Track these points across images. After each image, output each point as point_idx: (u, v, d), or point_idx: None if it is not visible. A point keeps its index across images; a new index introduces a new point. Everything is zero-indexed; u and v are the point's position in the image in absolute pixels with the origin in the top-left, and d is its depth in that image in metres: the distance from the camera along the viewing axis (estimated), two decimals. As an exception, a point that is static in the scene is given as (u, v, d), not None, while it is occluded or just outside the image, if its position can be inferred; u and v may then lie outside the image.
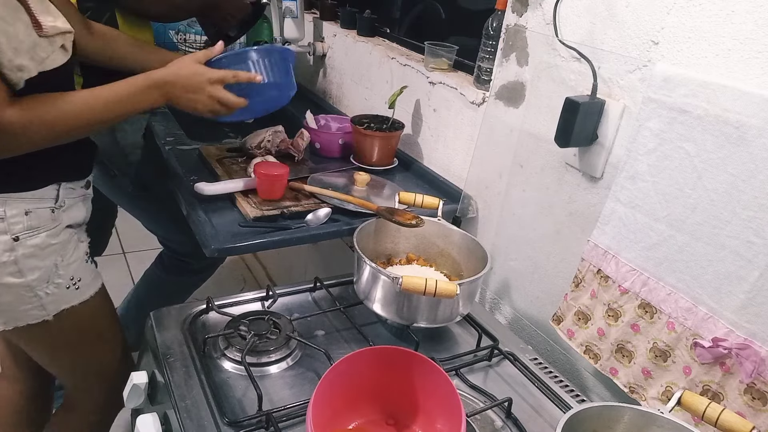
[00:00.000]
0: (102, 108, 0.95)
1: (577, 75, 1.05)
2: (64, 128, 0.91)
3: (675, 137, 0.86)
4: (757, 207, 0.76)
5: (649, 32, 0.92)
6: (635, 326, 0.93)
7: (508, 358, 1.00)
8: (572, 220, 1.11)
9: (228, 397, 0.84)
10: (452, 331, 1.07)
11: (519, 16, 1.18)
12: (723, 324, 0.81)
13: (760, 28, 0.77)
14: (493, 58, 1.27)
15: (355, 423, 0.80)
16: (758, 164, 0.76)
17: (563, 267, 1.14)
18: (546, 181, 1.16)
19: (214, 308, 1.01)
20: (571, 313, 1.04)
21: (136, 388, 0.91)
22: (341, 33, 1.99)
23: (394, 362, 0.79)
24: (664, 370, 0.89)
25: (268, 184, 1.22)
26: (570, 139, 1.01)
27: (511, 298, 1.30)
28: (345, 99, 2.00)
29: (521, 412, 0.88)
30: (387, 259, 1.15)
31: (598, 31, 1.00)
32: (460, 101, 1.39)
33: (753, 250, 0.77)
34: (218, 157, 1.44)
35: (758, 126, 0.75)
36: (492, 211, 1.31)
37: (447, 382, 0.75)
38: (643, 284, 0.92)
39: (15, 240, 0.95)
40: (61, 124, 0.91)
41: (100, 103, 0.95)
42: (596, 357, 1.00)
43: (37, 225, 0.98)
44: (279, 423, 0.78)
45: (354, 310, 1.04)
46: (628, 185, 0.93)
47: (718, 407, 0.70)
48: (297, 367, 0.92)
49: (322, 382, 0.71)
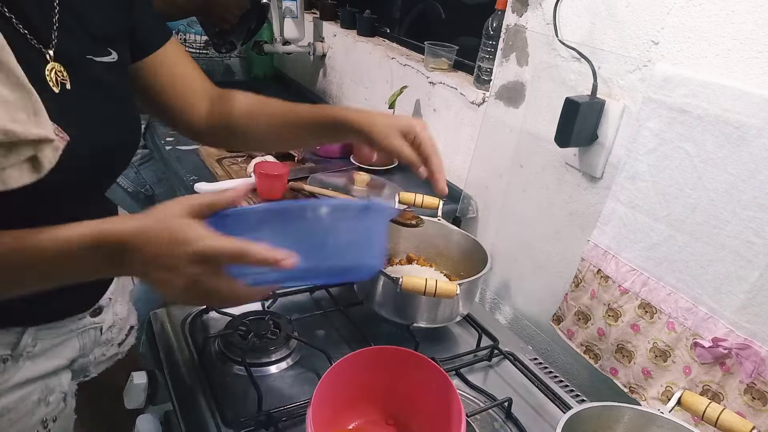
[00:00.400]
0: (13, 258, 0.58)
1: (577, 75, 1.05)
2: None
3: (675, 137, 0.86)
4: (757, 207, 0.76)
5: (649, 32, 0.92)
6: (635, 326, 0.93)
7: (508, 358, 1.00)
8: (572, 220, 1.11)
9: (228, 397, 0.84)
10: (452, 331, 1.07)
11: (519, 16, 1.18)
12: (723, 324, 0.81)
13: (760, 28, 0.77)
14: (493, 58, 1.27)
15: (355, 423, 0.80)
16: (758, 164, 0.76)
17: (563, 267, 1.14)
18: (546, 181, 1.16)
19: (214, 308, 1.01)
20: (571, 313, 1.04)
21: (136, 388, 0.91)
22: (341, 33, 1.99)
23: (394, 362, 0.79)
24: (664, 370, 0.89)
25: (268, 184, 1.22)
26: (570, 139, 1.01)
27: (511, 298, 1.30)
28: (345, 99, 2.00)
29: (521, 412, 0.88)
30: (387, 259, 1.15)
31: (598, 31, 1.00)
32: (460, 101, 1.39)
33: (753, 250, 0.77)
34: (218, 157, 1.44)
35: (758, 126, 0.75)
36: (492, 211, 1.31)
37: (447, 382, 0.75)
38: (643, 284, 0.92)
39: None
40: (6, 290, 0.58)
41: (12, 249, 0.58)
42: (596, 357, 1.00)
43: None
44: (279, 423, 0.78)
45: (354, 310, 1.04)
46: (628, 185, 0.93)
47: (718, 407, 0.70)
48: (297, 367, 0.92)
49: (322, 382, 0.71)
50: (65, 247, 0.57)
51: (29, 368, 0.75)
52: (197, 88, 0.87)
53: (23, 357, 0.73)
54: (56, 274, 0.60)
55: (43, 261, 0.58)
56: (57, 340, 0.78)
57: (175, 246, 0.56)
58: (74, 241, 0.58)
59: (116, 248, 0.57)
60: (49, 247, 0.57)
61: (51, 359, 0.78)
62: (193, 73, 0.87)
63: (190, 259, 0.56)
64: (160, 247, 0.56)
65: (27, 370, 0.74)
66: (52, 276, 0.60)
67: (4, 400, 0.73)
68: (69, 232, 0.58)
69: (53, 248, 0.57)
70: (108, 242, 0.57)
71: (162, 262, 0.56)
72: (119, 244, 0.57)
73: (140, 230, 0.57)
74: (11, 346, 0.71)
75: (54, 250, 0.57)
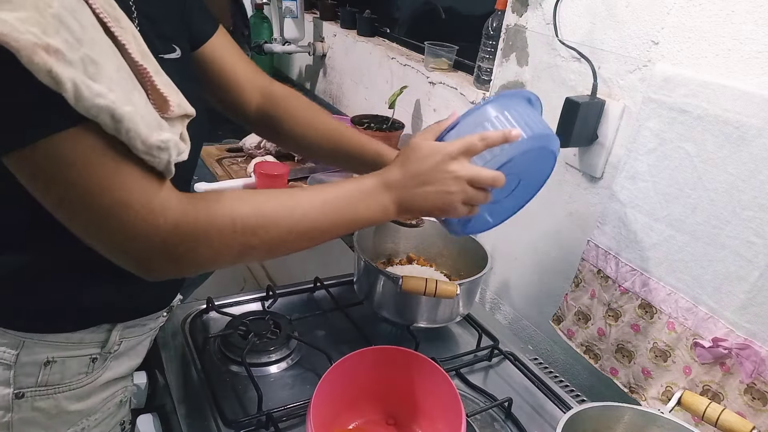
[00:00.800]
0: (318, 210, 0.64)
1: (577, 75, 1.05)
2: (255, 236, 0.60)
3: (675, 137, 0.86)
4: (757, 207, 0.76)
5: (649, 32, 0.92)
6: (635, 326, 0.93)
7: (508, 358, 1.00)
8: (572, 220, 1.11)
9: (228, 397, 0.84)
10: (452, 331, 1.07)
11: (519, 16, 1.18)
12: (723, 324, 0.81)
13: (760, 28, 0.77)
14: (493, 58, 1.27)
15: (355, 423, 0.80)
16: (758, 164, 0.76)
17: (563, 267, 1.14)
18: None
19: (214, 308, 1.01)
20: (571, 313, 1.04)
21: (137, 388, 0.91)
22: (341, 33, 1.99)
23: (394, 362, 0.79)
24: (664, 370, 0.89)
25: (268, 184, 1.22)
26: (570, 139, 1.01)
27: (511, 298, 1.30)
28: (345, 99, 2.00)
29: (521, 412, 0.88)
30: (387, 259, 1.15)
31: (598, 31, 1.00)
32: (460, 101, 1.39)
33: (753, 250, 0.77)
34: (218, 157, 1.44)
35: (758, 126, 0.75)
36: (492, 211, 1.31)
37: (447, 382, 0.75)
38: (643, 284, 0.92)
39: (18, 397, 0.67)
40: (251, 230, 0.60)
41: (316, 203, 0.64)
42: (596, 357, 1.00)
43: (56, 382, 0.69)
44: (279, 423, 0.78)
45: (354, 310, 1.04)
46: (628, 185, 0.93)
47: (719, 407, 0.70)
48: (297, 367, 0.92)
49: (322, 382, 0.71)
50: (357, 187, 0.68)
51: (114, 368, 0.76)
52: (246, 80, 0.88)
53: (110, 356, 0.75)
54: (350, 215, 0.67)
55: (340, 206, 0.66)
56: (138, 339, 0.79)
57: (431, 157, 0.67)
58: (367, 182, 0.68)
59: (395, 182, 0.68)
60: (344, 192, 0.67)
61: (132, 358, 0.80)
62: (240, 65, 0.88)
63: (449, 158, 0.67)
64: (420, 164, 0.68)
65: (112, 370, 0.76)
66: (346, 217, 0.67)
67: (91, 400, 0.74)
68: (354, 180, 0.69)
69: (347, 191, 0.67)
70: (388, 180, 0.68)
71: (424, 174, 0.67)
72: (395, 179, 0.68)
73: (401, 162, 0.69)
74: (100, 345, 0.73)
75: (347, 193, 0.67)
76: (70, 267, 0.66)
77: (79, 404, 0.73)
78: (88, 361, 0.72)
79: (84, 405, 0.73)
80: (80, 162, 0.51)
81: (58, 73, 0.45)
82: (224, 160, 1.42)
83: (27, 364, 0.67)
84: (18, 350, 0.66)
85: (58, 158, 0.50)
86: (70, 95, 0.47)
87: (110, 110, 0.49)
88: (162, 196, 0.55)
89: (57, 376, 0.69)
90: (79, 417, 0.74)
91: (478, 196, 0.69)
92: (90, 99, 0.48)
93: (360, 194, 0.68)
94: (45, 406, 0.70)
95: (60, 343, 0.69)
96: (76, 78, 0.47)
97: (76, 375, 0.71)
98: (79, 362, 0.71)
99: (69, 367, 0.70)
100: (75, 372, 0.71)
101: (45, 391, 0.69)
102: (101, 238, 0.55)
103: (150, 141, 0.53)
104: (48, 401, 0.70)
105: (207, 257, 0.59)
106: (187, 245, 0.57)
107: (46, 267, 0.65)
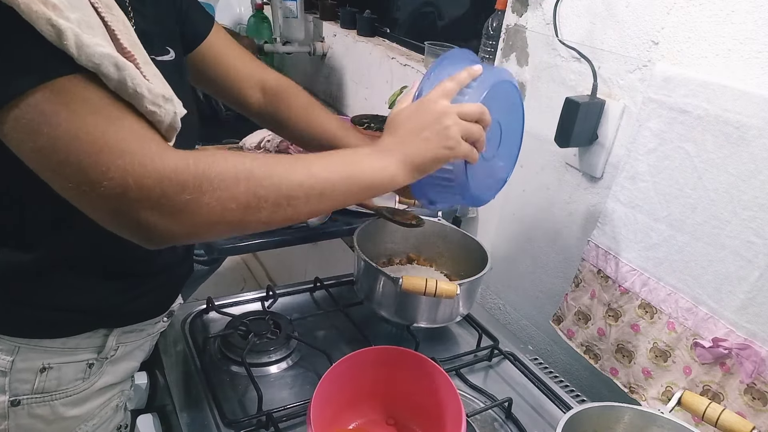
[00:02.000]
0: (323, 166, 0.62)
1: (577, 75, 1.05)
2: (261, 186, 0.56)
3: (675, 137, 0.86)
4: (757, 207, 0.76)
5: (649, 32, 0.92)
6: (635, 326, 0.93)
7: (508, 358, 1.00)
8: (572, 220, 1.11)
9: (228, 397, 0.84)
10: (452, 331, 1.07)
11: (519, 16, 1.18)
12: (723, 324, 0.81)
13: (760, 28, 0.77)
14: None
15: (356, 423, 0.80)
16: (758, 164, 0.76)
17: (563, 267, 1.14)
18: (546, 181, 1.16)
19: (214, 308, 1.01)
20: (571, 313, 1.04)
21: (137, 388, 0.91)
22: (341, 33, 1.99)
23: (394, 362, 0.79)
24: (664, 370, 0.89)
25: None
26: (570, 139, 1.01)
27: (511, 298, 1.30)
28: (345, 99, 2.00)
29: (521, 412, 0.88)
30: (387, 259, 1.15)
31: (598, 31, 1.00)
32: (460, 101, 1.39)
33: (753, 250, 0.77)
34: (218, 157, 1.43)
35: (758, 126, 0.75)
36: (492, 211, 1.31)
37: (447, 382, 0.75)
38: (643, 284, 0.92)
39: (14, 404, 0.66)
40: (257, 180, 0.56)
41: (318, 161, 0.62)
42: (596, 357, 1.00)
43: (53, 388, 0.69)
44: (279, 423, 0.78)
45: (354, 310, 1.04)
46: (628, 185, 0.93)
47: (719, 407, 0.70)
48: (297, 367, 0.92)
49: (322, 382, 0.71)
50: (354, 150, 0.67)
51: (111, 373, 0.75)
52: (245, 77, 0.89)
53: (107, 361, 0.73)
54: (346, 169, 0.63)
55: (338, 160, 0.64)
56: (136, 344, 0.78)
57: (423, 103, 0.69)
58: (360, 149, 0.67)
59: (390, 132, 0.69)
60: (345, 153, 0.67)
61: (130, 361, 0.79)
62: (238, 62, 0.88)
63: (432, 101, 0.68)
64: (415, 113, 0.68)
65: (109, 375, 0.75)
66: (353, 180, 0.63)
67: (88, 405, 0.73)
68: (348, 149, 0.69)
69: (349, 153, 0.67)
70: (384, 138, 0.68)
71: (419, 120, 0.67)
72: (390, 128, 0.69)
73: (395, 114, 0.70)
74: (96, 350, 0.71)
75: (350, 153, 0.67)
76: (64, 270, 0.65)
77: (76, 410, 0.72)
78: (84, 367, 0.71)
79: (81, 410, 0.72)
80: (78, 107, 0.49)
81: (58, 23, 0.46)
82: (224, 160, 1.42)
83: (22, 370, 0.66)
84: (13, 356, 0.65)
85: (55, 102, 0.48)
86: (71, 43, 0.46)
87: (113, 58, 0.49)
88: (161, 144, 0.53)
89: (53, 383, 0.68)
90: (76, 423, 0.73)
91: (473, 128, 0.68)
92: (92, 47, 0.48)
93: (360, 155, 0.66)
94: (42, 413, 0.69)
95: (56, 349, 0.68)
96: (75, 29, 0.47)
97: (73, 381, 0.70)
98: (75, 368, 0.70)
99: (65, 373, 0.69)
100: (71, 378, 0.70)
101: (41, 398, 0.68)
102: (94, 191, 0.49)
103: (156, 90, 0.51)
104: (45, 408, 0.69)
105: (212, 209, 0.53)
106: (188, 193, 0.51)
107: (40, 271, 0.64)
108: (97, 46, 0.48)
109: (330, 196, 0.61)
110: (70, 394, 0.70)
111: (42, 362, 0.67)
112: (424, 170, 0.68)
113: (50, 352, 0.67)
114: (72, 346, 0.69)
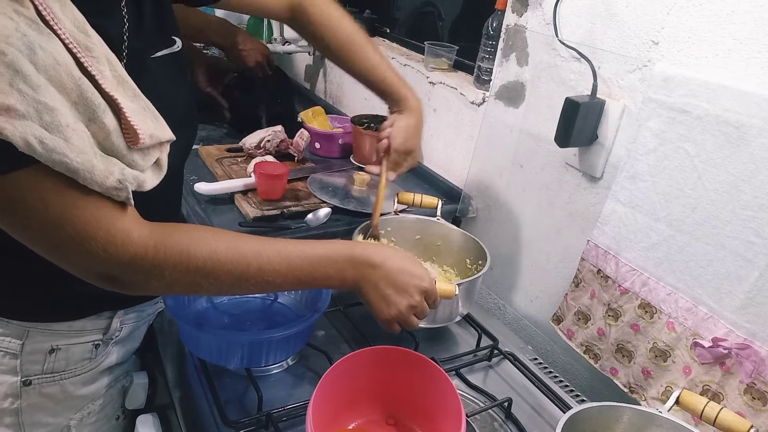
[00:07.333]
0: (276, 267, 0.65)
1: (577, 75, 1.05)
2: (205, 279, 0.62)
3: (675, 137, 0.86)
4: (757, 207, 0.76)
5: (649, 32, 0.92)
6: (635, 326, 0.93)
7: (508, 358, 1.00)
8: (572, 220, 1.11)
9: (228, 397, 0.84)
10: (452, 331, 1.07)
11: (519, 16, 1.18)
12: (723, 324, 0.81)
13: (760, 28, 0.77)
14: (493, 58, 1.27)
15: (355, 423, 0.80)
16: (758, 164, 0.76)
17: (563, 267, 1.14)
18: (546, 181, 1.16)
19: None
20: (571, 313, 1.04)
21: (137, 388, 0.91)
22: (341, 33, 1.99)
23: (394, 362, 0.79)
24: (664, 370, 0.89)
25: (268, 184, 1.22)
26: (570, 139, 1.01)
27: (511, 298, 1.30)
28: (345, 99, 2.00)
29: (521, 412, 0.88)
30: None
31: (598, 31, 1.00)
32: (460, 101, 1.39)
33: (753, 250, 0.77)
34: (218, 157, 1.43)
35: (758, 126, 0.75)
36: (492, 211, 1.31)
37: (447, 382, 0.75)
38: (643, 284, 0.92)
39: (26, 384, 0.71)
40: (203, 274, 0.62)
41: (277, 260, 0.66)
42: (596, 357, 1.00)
43: (61, 368, 0.74)
44: (279, 423, 0.78)
45: (354, 310, 1.04)
46: (628, 185, 0.93)
47: (717, 406, 0.70)
48: (297, 367, 0.92)
49: (322, 382, 0.71)
50: (326, 254, 0.69)
51: (116, 353, 0.80)
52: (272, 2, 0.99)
53: (112, 341, 0.79)
54: (307, 279, 0.69)
55: (302, 267, 0.67)
56: (137, 324, 0.83)
57: (411, 277, 0.74)
58: (334, 253, 0.70)
59: (366, 262, 0.72)
60: (311, 255, 0.68)
61: (133, 342, 0.84)
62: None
63: (419, 290, 0.75)
64: (402, 274, 0.73)
65: (114, 354, 0.80)
66: (302, 280, 0.69)
67: (96, 384, 0.78)
68: (327, 245, 0.71)
69: (316, 256, 0.68)
70: (361, 257, 0.71)
71: (397, 284, 0.73)
72: (369, 259, 0.72)
73: (387, 255, 0.74)
74: (102, 331, 0.77)
75: (316, 258, 0.68)
76: None
77: (85, 389, 0.77)
78: (91, 347, 0.76)
79: (89, 390, 0.77)
80: (39, 198, 0.52)
81: (8, 136, 0.46)
82: (224, 160, 1.41)
83: (32, 352, 0.71)
84: (23, 340, 0.70)
85: (16, 195, 0.51)
86: (24, 150, 0.48)
87: (65, 165, 0.50)
88: (124, 228, 0.57)
89: (62, 363, 0.73)
90: (84, 402, 0.78)
91: (414, 322, 0.78)
92: (45, 155, 0.49)
93: (329, 262, 0.70)
94: (52, 392, 0.73)
95: (63, 332, 0.72)
96: (31, 133, 0.47)
97: (81, 361, 0.75)
98: (82, 349, 0.75)
99: (73, 353, 0.74)
100: (79, 358, 0.75)
101: (51, 378, 0.73)
102: (63, 260, 0.58)
103: (106, 184, 0.54)
104: (54, 387, 0.73)
105: (159, 288, 0.64)
106: (141, 276, 0.60)
107: (46, 259, 0.66)
108: (50, 153, 0.49)
109: (273, 290, 0.74)
110: (78, 374, 0.75)
111: (51, 344, 0.72)
112: (365, 301, 0.77)
113: (58, 334, 0.72)
114: (78, 328, 0.74)
